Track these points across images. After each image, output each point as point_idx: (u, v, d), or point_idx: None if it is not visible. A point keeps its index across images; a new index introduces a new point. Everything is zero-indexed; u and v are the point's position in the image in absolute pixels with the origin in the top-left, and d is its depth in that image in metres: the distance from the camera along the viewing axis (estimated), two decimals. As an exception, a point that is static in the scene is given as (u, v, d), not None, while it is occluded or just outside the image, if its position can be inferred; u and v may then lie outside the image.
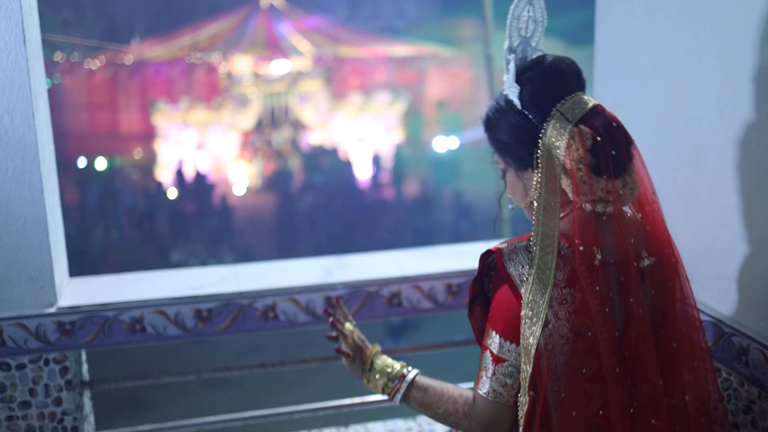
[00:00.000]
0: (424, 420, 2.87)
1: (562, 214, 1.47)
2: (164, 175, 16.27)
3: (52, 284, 2.21)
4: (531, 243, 1.44)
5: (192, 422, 2.54)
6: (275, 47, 20.12)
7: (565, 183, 1.44)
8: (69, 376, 2.25)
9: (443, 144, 19.00)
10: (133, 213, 14.43)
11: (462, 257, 2.64)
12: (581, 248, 1.40)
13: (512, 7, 1.52)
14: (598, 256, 1.41)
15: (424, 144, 19.58)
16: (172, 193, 14.54)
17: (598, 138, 1.43)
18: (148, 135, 19.49)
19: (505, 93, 1.56)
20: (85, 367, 2.44)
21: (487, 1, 4.15)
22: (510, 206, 1.64)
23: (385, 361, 1.81)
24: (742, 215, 1.90)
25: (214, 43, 20.39)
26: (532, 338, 1.40)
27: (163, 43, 20.91)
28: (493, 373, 1.49)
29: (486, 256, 1.54)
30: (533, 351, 1.39)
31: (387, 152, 17.64)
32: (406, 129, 20.18)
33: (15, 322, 2.17)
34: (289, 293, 2.37)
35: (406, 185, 15.91)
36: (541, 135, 1.47)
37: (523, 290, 1.44)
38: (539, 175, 1.45)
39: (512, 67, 1.51)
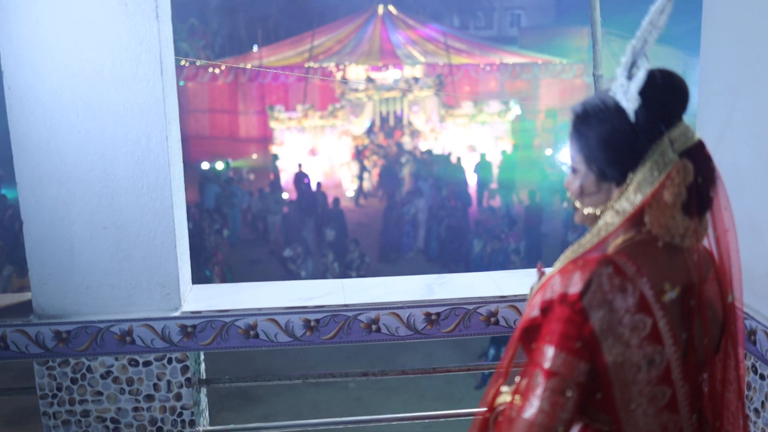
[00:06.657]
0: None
1: (629, 236, 1.46)
2: (279, 177, 16.79)
3: (177, 290, 2.43)
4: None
5: (297, 423, 2.72)
6: (390, 55, 20.41)
7: (651, 212, 1.40)
8: (189, 374, 2.46)
9: (554, 153, 18.77)
10: (248, 214, 14.95)
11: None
12: (649, 281, 1.39)
13: (654, 12, 1.39)
14: (670, 293, 1.41)
15: (534, 153, 19.37)
16: (286, 196, 15.00)
17: (699, 177, 1.40)
18: (265, 139, 20.17)
19: (613, 94, 1.44)
20: (203, 366, 2.65)
21: (597, 21, 4.05)
22: (564, 203, 1.55)
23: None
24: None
25: (330, 50, 20.89)
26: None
27: (282, 49, 21.59)
28: (544, 390, 1.36)
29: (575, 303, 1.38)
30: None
31: (497, 160, 17.56)
32: (517, 138, 20.02)
33: (144, 323, 2.41)
34: (392, 308, 2.50)
35: (515, 194, 15.77)
36: (645, 157, 1.40)
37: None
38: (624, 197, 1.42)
39: (642, 74, 1.38)
